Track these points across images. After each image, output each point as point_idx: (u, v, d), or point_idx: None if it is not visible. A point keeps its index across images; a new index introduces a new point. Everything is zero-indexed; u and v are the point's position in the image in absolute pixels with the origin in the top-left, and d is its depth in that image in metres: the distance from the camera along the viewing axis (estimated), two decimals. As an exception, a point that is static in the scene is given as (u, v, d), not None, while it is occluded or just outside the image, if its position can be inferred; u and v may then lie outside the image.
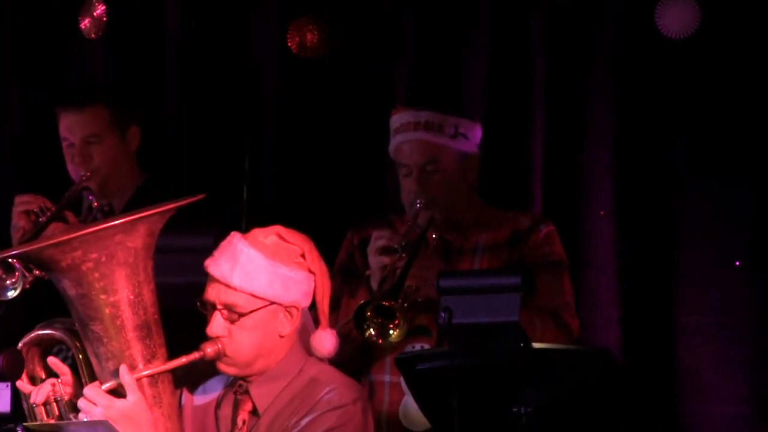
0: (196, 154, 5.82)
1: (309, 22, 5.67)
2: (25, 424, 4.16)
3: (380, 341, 4.79)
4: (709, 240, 5.51)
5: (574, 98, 5.66)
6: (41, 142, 5.87)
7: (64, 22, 6.01)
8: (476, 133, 5.03)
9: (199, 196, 4.44)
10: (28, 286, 5.04)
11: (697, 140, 5.51)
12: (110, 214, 5.38)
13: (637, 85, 5.58)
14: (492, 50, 5.74)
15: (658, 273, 5.56)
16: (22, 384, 4.30)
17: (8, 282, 5.05)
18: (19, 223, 5.25)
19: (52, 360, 4.39)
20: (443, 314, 4.15)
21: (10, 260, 4.99)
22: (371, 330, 4.74)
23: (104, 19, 5.83)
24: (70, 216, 5.35)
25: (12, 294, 5.14)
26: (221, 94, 5.93)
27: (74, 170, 5.38)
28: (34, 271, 4.91)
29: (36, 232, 5.18)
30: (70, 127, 5.39)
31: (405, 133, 4.97)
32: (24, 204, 5.27)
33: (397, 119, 5.01)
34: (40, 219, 5.23)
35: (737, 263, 5.40)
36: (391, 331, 4.75)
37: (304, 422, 4.25)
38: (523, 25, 5.67)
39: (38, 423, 4.19)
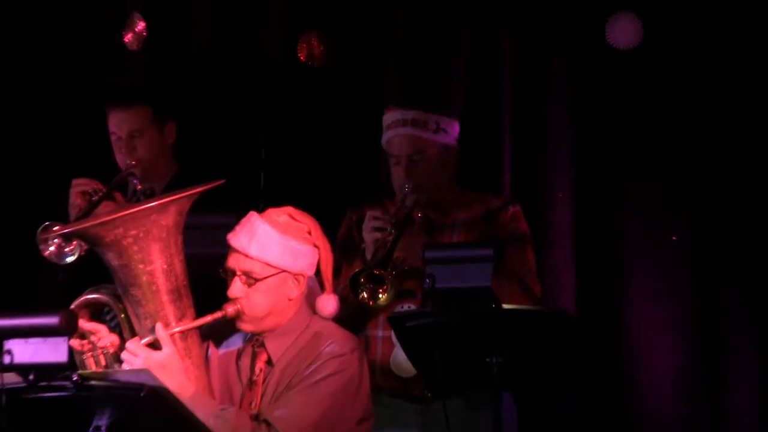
0: (221, 147, 5.80)
1: (316, 36, 5.61)
2: (79, 371, 4.07)
3: (371, 303, 4.76)
4: (651, 216, 5.46)
5: (536, 101, 5.59)
6: (92, 136, 5.84)
7: (110, 35, 5.98)
8: (455, 129, 5.01)
9: (219, 182, 4.46)
10: (83, 252, 5.03)
11: (641, 135, 5.41)
12: (151, 196, 5.35)
13: (590, 90, 5.48)
14: (469, 58, 5.66)
15: (608, 245, 5.52)
16: (75, 341, 4.29)
17: (67, 249, 5.05)
18: (75, 201, 5.25)
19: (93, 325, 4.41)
20: (428, 280, 4.16)
21: None
22: (364, 293, 4.73)
23: (144, 34, 5.83)
24: (118, 196, 5.33)
25: (70, 259, 5.15)
26: (242, 98, 5.89)
27: (121, 159, 5.37)
28: None
29: (89, 209, 5.17)
30: (118, 123, 5.37)
31: (395, 128, 4.96)
32: (80, 185, 5.26)
33: (389, 117, 4.99)
34: (93, 198, 5.22)
35: (674, 237, 5.37)
36: (380, 295, 4.73)
37: (310, 369, 4.25)
38: (495, 37, 5.57)
39: (90, 371, 4.18)
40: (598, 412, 5.42)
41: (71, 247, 5.12)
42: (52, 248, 5.13)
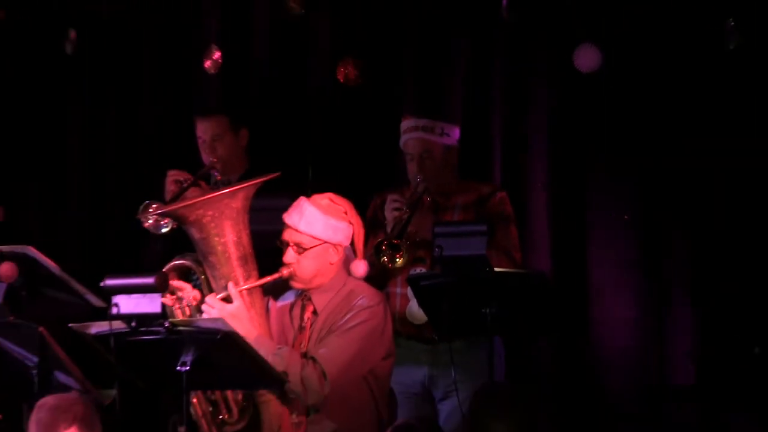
0: (280, 148, 5.74)
1: (351, 63, 5.55)
2: (170, 320, 4.12)
3: (390, 266, 4.74)
4: (608, 201, 5.39)
5: (521, 110, 5.50)
6: (182, 140, 5.81)
7: (194, 64, 5.92)
8: (456, 133, 4.98)
9: (275, 174, 4.49)
10: (175, 226, 4.94)
11: (601, 137, 5.33)
12: (229, 185, 5.35)
13: (563, 105, 5.39)
14: (466, 77, 5.56)
15: (574, 222, 5.43)
16: (166, 297, 4.29)
17: (162, 222, 5.02)
18: (170, 188, 5.22)
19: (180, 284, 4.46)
20: (437, 249, 4.27)
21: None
22: (384, 257, 4.71)
23: (220, 61, 5.76)
24: (203, 184, 5.30)
25: (165, 230, 5.10)
26: (295, 110, 5.81)
27: (206, 157, 5.33)
28: None
29: (179, 193, 5.14)
30: (204, 129, 5.34)
31: (410, 133, 4.94)
32: (174, 175, 5.23)
33: (405, 124, 4.97)
34: (183, 185, 5.20)
35: (626, 217, 5.32)
36: (397, 259, 4.70)
37: (346, 318, 4.31)
38: (486, 61, 5.49)
39: (178, 319, 4.19)
40: (567, 353, 5.37)
41: (166, 221, 5.10)
42: (150, 221, 5.10)
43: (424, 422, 4.20)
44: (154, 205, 5.04)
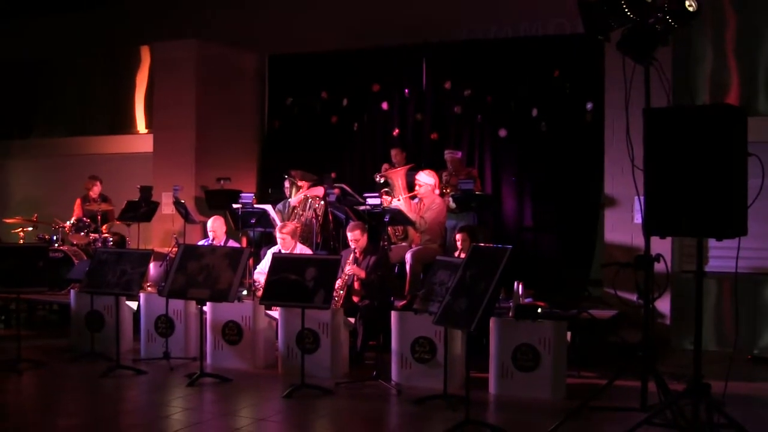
0: (417, 159, 6.38)
1: (435, 133, 6.45)
2: (382, 206, 4.99)
3: (445, 192, 5.79)
4: (509, 173, 6.45)
5: (483, 151, 6.44)
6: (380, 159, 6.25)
7: (389, 133, 6.59)
8: (460, 154, 6.12)
9: (412, 165, 5.80)
10: (382, 179, 5.59)
11: (511, 158, 6.19)
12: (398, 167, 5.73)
13: (498, 151, 6.21)
14: (467, 143, 6.38)
15: (499, 179, 6.47)
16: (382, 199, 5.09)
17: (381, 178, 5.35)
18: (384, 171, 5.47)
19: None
20: (460, 186, 5.39)
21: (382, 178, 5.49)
22: (444, 189, 5.56)
23: (398, 132, 6.44)
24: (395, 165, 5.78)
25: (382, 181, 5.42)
26: (419, 148, 6.60)
27: (397, 162, 5.81)
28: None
29: (388, 171, 5.64)
30: (393, 153, 6.26)
31: (448, 154, 6.08)
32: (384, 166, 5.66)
33: (446, 151, 6.07)
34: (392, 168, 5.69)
35: (513, 178, 6.33)
36: (446, 191, 5.80)
37: (432, 205, 5.55)
38: (473, 139, 6.37)
39: (385, 206, 5.15)
40: (494, 220, 6.10)
41: (382, 178, 5.54)
42: (379, 178, 5.66)
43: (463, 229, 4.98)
44: (380, 174, 5.68)
